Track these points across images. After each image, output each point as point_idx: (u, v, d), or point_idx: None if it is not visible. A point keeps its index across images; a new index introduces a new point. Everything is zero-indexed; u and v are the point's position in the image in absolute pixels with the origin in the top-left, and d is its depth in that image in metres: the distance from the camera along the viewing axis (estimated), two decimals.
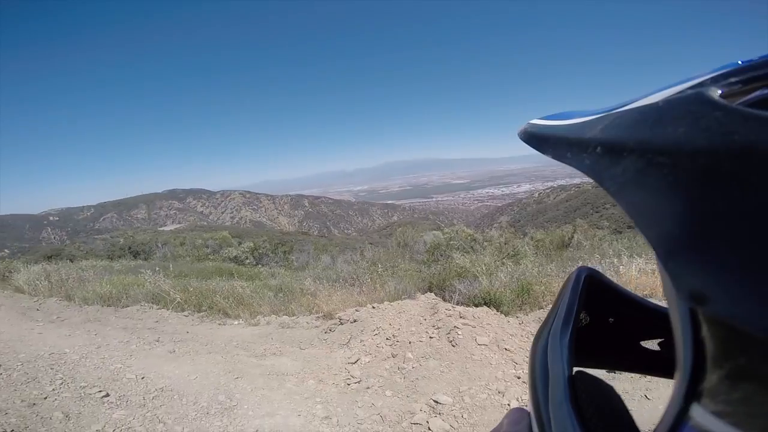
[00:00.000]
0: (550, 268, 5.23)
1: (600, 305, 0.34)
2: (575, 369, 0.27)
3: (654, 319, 0.33)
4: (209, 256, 11.01)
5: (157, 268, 6.70)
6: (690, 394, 0.16)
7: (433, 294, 4.67)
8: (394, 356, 3.34)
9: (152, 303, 5.57)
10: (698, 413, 0.15)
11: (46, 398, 2.91)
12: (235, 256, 10.62)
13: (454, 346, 3.28)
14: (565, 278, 0.34)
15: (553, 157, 0.26)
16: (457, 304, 4.30)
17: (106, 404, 2.85)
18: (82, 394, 2.97)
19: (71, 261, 10.20)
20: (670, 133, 0.17)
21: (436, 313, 3.77)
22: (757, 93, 0.17)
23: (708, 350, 0.16)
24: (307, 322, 4.54)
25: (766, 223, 0.12)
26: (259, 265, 10.07)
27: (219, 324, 4.75)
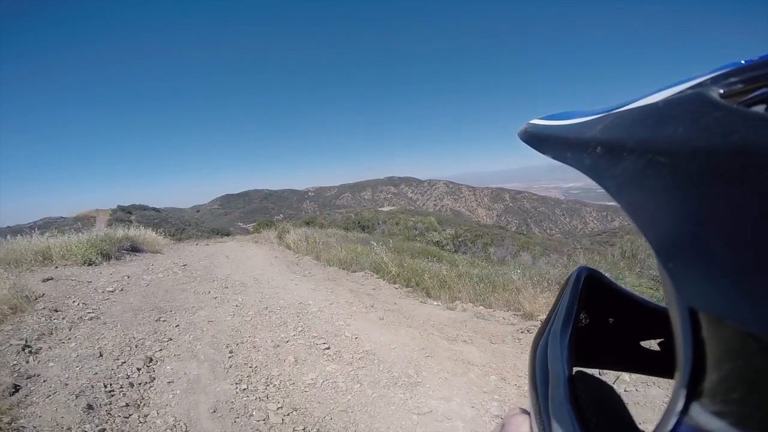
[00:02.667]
0: None
1: (600, 305, 0.34)
2: (575, 369, 0.26)
3: (654, 319, 0.33)
4: (416, 237, 12.14)
5: (381, 242, 7.80)
6: (690, 394, 0.16)
7: None
8: (600, 374, 2.81)
9: (373, 272, 6.47)
10: (698, 413, 0.15)
11: (287, 342, 3.56)
12: (438, 241, 11.31)
13: None
14: (566, 278, 0.34)
15: (553, 158, 0.25)
16: None
17: (325, 356, 3.30)
18: (311, 344, 3.52)
19: (320, 228, 13.23)
20: (669, 133, 0.17)
21: None
22: (757, 93, 0.17)
23: (708, 350, 0.15)
24: (503, 318, 4.34)
25: (766, 223, 0.13)
26: (458, 253, 10.38)
27: (420, 302, 5.06)
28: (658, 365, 0.34)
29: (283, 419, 2.48)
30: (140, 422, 2.34)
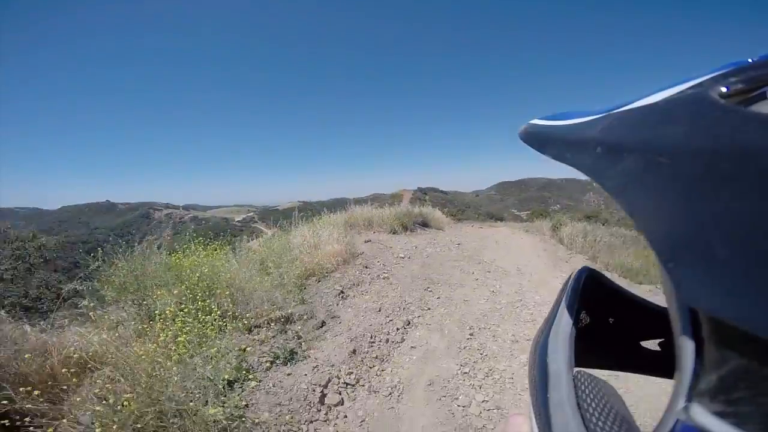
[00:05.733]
0: None
1: (600, 305, 0.34)
2: (575, 369, 0.26)
3: (654, 319, 0.32)
4: None
5: None
6: (690, 394, 0.16)
7: None
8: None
9: None
10: (698, 413, 0.15)
11: (528, 340, 3.27)
12: None
13: None
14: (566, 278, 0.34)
15: (554, 158, 0.25)
16: None
17: None
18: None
19: (603, 225, 11.33)
20: (670, 133, 0.17)
21: None
22: (757, 93, 0.17)
23: (708, 350, 0.16)
24: None
25: (766, 224, 0.13)
26: None
27: None
28: (658, 365, 0.33)
29: (480, 413, 2.44)
30: (376, 375, 2.79)
